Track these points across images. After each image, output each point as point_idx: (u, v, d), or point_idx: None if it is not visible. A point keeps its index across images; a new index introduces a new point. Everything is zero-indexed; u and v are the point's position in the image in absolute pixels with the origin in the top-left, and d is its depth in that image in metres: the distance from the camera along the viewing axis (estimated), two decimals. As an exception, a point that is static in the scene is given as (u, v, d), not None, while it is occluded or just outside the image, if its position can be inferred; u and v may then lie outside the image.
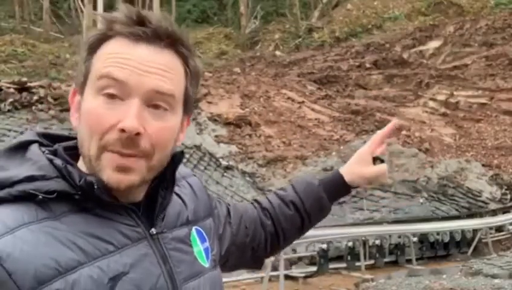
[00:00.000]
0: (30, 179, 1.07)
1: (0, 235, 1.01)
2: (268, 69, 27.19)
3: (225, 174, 19.12)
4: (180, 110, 1.15)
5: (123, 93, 1.08)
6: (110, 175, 1.08)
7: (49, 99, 18.04)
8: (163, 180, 1.20)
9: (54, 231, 1.05)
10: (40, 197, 1.05)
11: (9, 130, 16.54)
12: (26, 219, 1.04)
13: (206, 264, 1.26)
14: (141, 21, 1.10)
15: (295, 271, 14.13)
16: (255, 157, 19.62)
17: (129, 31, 1.10)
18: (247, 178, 19.03)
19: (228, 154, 19.71)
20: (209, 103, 22.13)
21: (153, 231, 1.16)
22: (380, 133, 1.66)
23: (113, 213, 1.12)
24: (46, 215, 1.06)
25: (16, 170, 1.08)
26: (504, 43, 27.39)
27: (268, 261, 12.94)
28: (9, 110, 17.45)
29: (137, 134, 1.06)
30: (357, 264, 14.69)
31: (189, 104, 1.18)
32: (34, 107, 17.60)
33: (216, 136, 20.50)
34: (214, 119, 21.30)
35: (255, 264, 1.63)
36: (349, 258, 15.03)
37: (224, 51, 31.44)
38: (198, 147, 19.63)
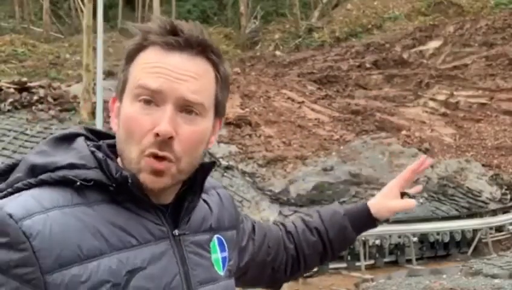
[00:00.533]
0: (72, 166, 1.15)
1: (34, 213, 1.07)
2: (268, 69, 27.19)
3: (225, 174, 19.12)
4: (211, 114, 1.22)
5: (158, 100, 1.15)
6: (145, 177, 1.15)
7: (49, 99, 18.03)
8: (193, 185, 1.26)
9: (84, 217, 1.12)
10: (78, 183, 1.13)
11: (10, 130, 16.53)
12: (61, 201, 1.11)
13: (222, 273, 1.31)
14: (174, 30, 1.18)
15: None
16: (255, 157, 19.62)
17: (163, 41, 1.17)
18: (247, 178, 19.03)
19: (228, 154, 19.71)
20: (209, 103, 22.14)
21: (176, 232, 1.22)
22: (410, 168, 1.69)
23: (142, 210, 1.18)
24: (80, 201, 1.13)
25: (60, 157, 1.16)
26: (504, 43, 27.38)
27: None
28: (9, 110, 17.44)
29: (170, 138, 1.14)
30: (357, 264, 14.69)
31: (221, 108, 1.26)
32: (34, 107, 17.59)
33: (216, 136, 20.50)
34: (214, 119, 21.32)
35: (273, 284, 1.66)
36: (349, 258, 15.03)
37: (224, 51, 31.42)
38: (198, 147, 19.64)
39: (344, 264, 14.75)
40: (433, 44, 28.54)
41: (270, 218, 17.43)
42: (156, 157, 1.14)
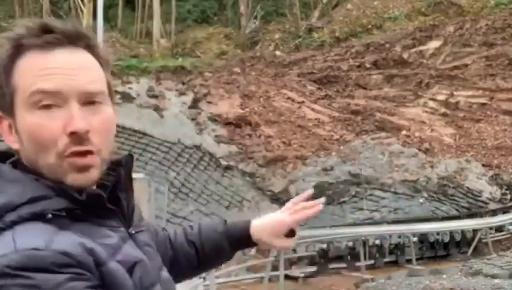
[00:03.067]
0: (32, 200, 1.11)
1: (50, 240, 1.06)
2: (268, 69, 27.18)
3: (225, 174, 19.12)
4: (109, 100, 1.21)
5: (58, 101, 1.12)
6: (74, 177, 1.13)
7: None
8: (118, 185, 1.24)
9: (81, 234, 1.12)
10: (50, 216, 1.10)
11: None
12: (51, 230, 1.09)
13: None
14: (48, 29, 1.13)
15: (295, 271, 14.13)
16: (255, 157, 19.62)
17: (42, 41, 1.12)
18: (247, 178, 19.03)
19: (228, 154, 19.71)
20: (209, 103, 22.13)
21: (132, 231, 1.24)
22: (295, 201, 1.62)
23: (105, 219, 1.18)
24: (59, 228, 1.11)
25: (11, 194, 1.11)
26: (504, 43, 27.37)
27: (268, 261, 12.94)
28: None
29: (87, 132, 1.12)
30: (357, 264, 14.69)
31: (112, 92, 1.24)
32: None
33: (216, 136, 20.50)
34: (214, 119, 21.30)
35: None
36: (349, 258, 15.03)
37: (224, 51, 31.42)
38: (198, 147, 19.63)
39: (344, 264, 14.75)
40: (433, 44, 28.54)
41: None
42: (79, 154, 1.13)
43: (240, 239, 1.61)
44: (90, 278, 1.07)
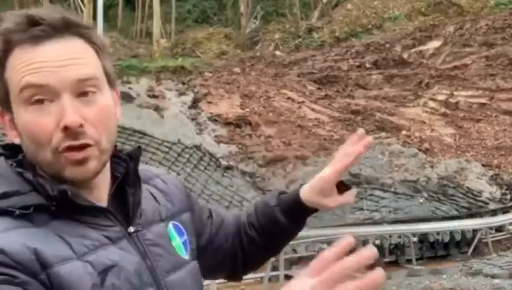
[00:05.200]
0: (4, 195, 1.09)
1: None
2: (268, 69, 27.18)
3: (225, 174, 19.11)
4: (106, 87, 1.18)
5: (50, 95, 1.10)
6: (71, 171, 1.12)
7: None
8: (127, 178, 1.22)
9: (36, 234, 1.08)
10: (17, 212, 1.07)
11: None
12: (13, 225, 1.07)
13: (186, 256, 1.29)
14: (34, 21, 1.11)
15: (295, 271, 14.13)
16: (255, 157, 19.61)
17: (28, 36, 1.10)
18: (247, 178, 19.03)
19: (228, 154, 19.71)
20: (209, 103, 22.13)
21: (131, 229, 1.20)
22: (346, 152, 1.45)
23: (90, 217, 1.15)
24: (26, 225, 1.09)
25: None
26: (504, 43, 27.38)
27: (269, 260, 12.94)
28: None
29: (81, 125, 1.10)
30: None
31: (112, 78, 1.20)
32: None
33: (216, 136, 20.49)
34: (214, 119, 21.30)
35: (233, 274, 1.58)
36: (349, 258, 15.01)
37: (224, 51, 31.43)
38: (198, 147, 19.63)
39: (344, 264, 14.74)
40: (433, 44, 28.55)
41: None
42: (74, 148, 1.11)
43: (293, 208, 1.47)
44: (25, 282, 1.02)
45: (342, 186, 1.45)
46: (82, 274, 1.08)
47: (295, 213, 1.48)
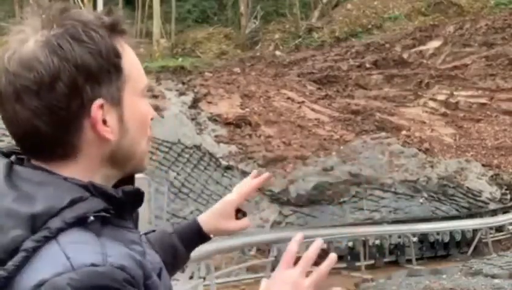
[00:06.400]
0: (72, 202, 1.01)
1: (103, 253, 0.98)
2: (268, 69, 27.18)
3: (225, 174, 19.11)
4: None
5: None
6: (147, 161, 1.18)
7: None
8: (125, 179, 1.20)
9: (114, 243, 1.03)
10: (92, 218, 1.00)
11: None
12: (95, 239, 1.01)
13: None
14: (117, 23, 1.11)
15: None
16: (255, 157, 19.61)
17: (131, 37, 1.15)
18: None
19: (228, 154, 19.71)
20: (209, 103, 22.13)
21: (140, 232, 1.20)
22: (252, 185, 1.66)
23: (123, 220, 1.09)
24: (96, 235, 1.02)
25: (45, 197, 1.01)
26: (504, 43, 27.39)
27: (268, 261, 12.95)
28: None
29: None
30: (357, 264, 14.69)
31: None
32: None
33: (216, 136, 20.49)
34: (214, 119, 21.29)
35: None
36: (349, 258, 15.02)
37: (224, 51, 31.41)
38: (198, 147, 19.62)
39: (344, 264, 14.75)
40: (433, 44, 28.55)
41: (270, 218, 17.44)
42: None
43: (192, 236, 1.56)
44: None
45: (238, 213, 1.62)
46: (159, 282, 1.08)
47: (192, 240, 1.57)
